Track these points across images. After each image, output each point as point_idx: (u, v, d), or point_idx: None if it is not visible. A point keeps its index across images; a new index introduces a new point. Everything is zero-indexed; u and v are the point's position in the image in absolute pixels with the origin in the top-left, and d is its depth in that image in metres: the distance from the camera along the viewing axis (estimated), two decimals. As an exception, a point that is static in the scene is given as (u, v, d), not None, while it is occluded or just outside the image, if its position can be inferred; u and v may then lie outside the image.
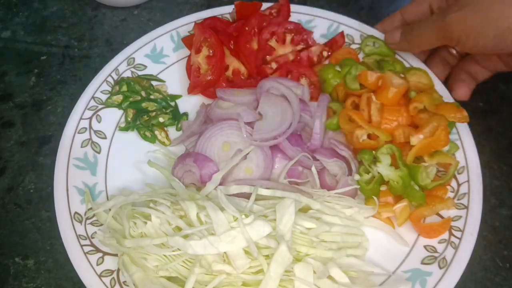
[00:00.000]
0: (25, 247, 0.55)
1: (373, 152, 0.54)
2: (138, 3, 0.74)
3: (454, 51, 0.62)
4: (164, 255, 0.48)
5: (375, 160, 0.53)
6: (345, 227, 0.52)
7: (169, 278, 0.49)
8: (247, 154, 0.56)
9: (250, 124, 0.58)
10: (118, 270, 0.50)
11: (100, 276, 0.50)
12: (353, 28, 0.68)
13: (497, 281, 0.53)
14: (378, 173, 0.53)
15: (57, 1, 0.75)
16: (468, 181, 0.55)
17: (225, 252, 0.47)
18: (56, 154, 0.57)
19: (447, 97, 0.60)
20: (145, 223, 0.49)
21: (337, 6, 0.75)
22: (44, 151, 0.61)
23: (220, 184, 0.54)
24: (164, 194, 0.53)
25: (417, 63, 0.64)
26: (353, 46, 0.67)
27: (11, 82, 0.67)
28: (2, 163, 0.61)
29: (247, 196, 0.52)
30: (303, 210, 0.53)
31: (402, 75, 0.58)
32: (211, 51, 0.64)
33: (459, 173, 0.56)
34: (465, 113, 0.54)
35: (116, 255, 0.51)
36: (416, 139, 0.53)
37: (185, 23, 0.69)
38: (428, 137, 0.52)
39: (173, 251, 0.48)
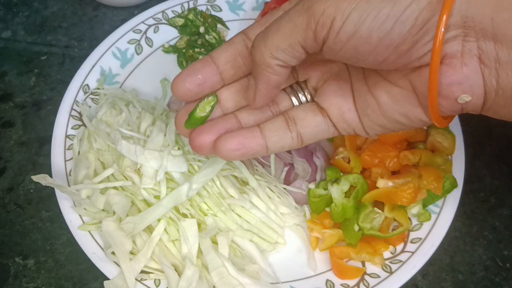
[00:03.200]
0: (25, 247, 0.55)
1: (341, 173, 0.53)
2: (138, 3, 0.73)
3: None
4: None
5: (336, 181, 0.52)
6: (267, 218, 0.52)
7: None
8: None
9: None
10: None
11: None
12: None
13: (497, 281, 0.53)
14: (330, 192, 0.52)
15: (57, 1, 0.75)
16: (411, 255, 0.51)
17: (141, 165, 0.50)
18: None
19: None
20: (119, 114, 0.56)
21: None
22: (44, 151, 0.61)
23: None
24: (145, 103, 0.58)
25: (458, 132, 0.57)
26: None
27: (11, 82, 0.67)
28: (2, 163, 0.61)
29: None
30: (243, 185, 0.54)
31: (425, 128, 0.55)
32: None
33: (412, 242, 0.52)
34: (440, 186, 0.50)
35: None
36: (383, 183, 0.50)
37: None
38: (395, 187, 0.49)
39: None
